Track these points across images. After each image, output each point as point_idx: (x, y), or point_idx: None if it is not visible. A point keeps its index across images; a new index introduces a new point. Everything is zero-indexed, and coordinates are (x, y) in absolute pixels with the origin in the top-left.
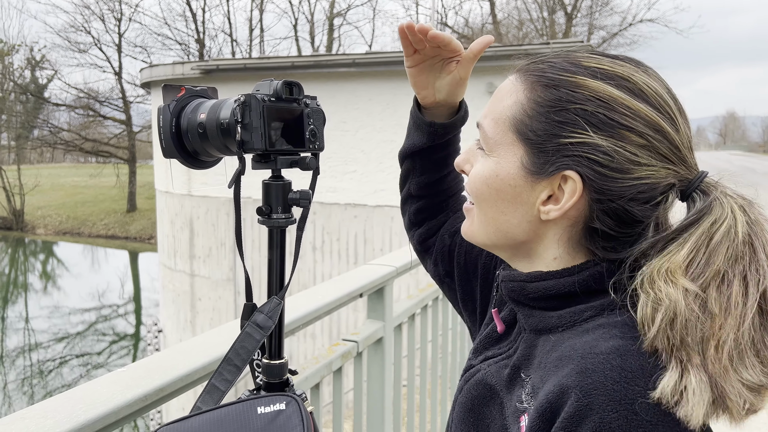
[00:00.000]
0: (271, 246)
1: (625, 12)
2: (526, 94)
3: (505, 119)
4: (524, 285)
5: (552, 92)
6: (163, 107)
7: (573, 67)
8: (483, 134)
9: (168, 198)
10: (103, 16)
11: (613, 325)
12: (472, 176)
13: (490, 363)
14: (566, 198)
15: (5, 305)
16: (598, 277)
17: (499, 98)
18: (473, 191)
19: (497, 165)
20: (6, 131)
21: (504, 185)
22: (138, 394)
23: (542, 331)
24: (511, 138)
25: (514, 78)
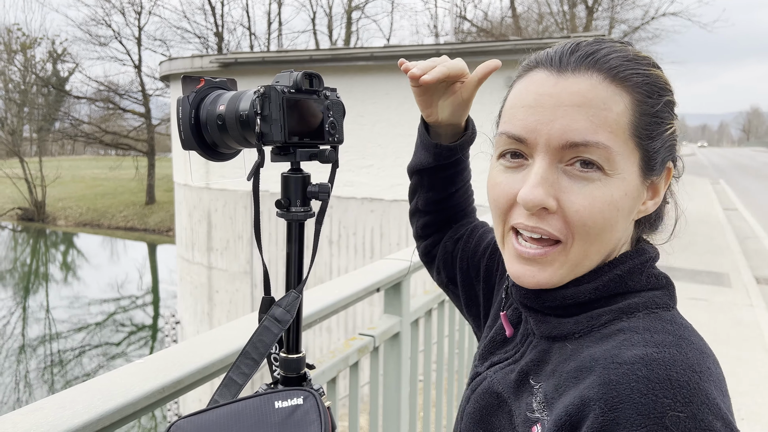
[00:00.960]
0: (289, 239)
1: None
2: (633, 96)
3: (624, 128)
4: (539, 293)
5: (651, 88)
6: (182, 99)
7: (644, 60)
8: (603, 152)
9: (186, 191)
10: (124, 9)
11: (634, 330)
12: (586, 210)
13: (496, 369)
14: (663, 187)
15: (27, 295)
16: (618, 280)
17: (599, 106)
18: (585, 226)
19: (624, 182)
20: (28, 123)
21: (631, 200)
22: (156, 386)
23: (557, 338)
24: (631, 146)
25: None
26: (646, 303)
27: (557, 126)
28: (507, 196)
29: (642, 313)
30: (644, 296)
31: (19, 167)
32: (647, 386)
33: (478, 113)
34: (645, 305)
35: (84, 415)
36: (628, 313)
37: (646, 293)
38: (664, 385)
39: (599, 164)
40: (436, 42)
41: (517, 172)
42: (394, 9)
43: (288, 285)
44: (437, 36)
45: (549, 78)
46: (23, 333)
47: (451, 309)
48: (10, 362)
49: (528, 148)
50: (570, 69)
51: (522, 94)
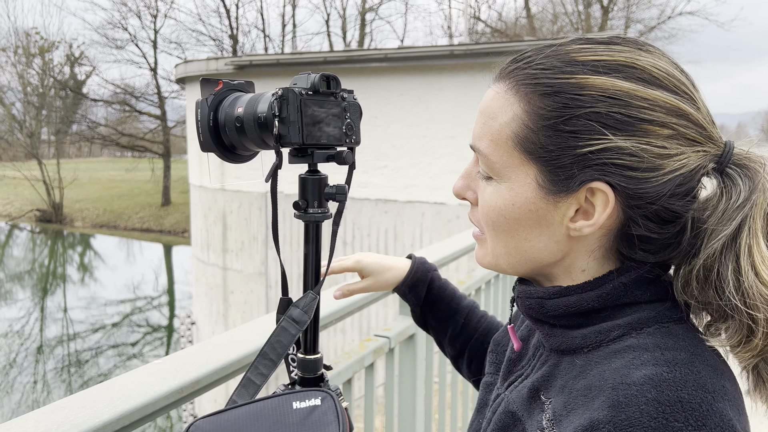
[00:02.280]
0: (306, 240)
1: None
2: (522, 107)
3: (506, 139)
4: (543, 302)
5: (554, 100)
6: (201, 101)
7: (568, 65)
8: (484, 159)
9: (202, 192)
10: (140, 12)
11: (644, 347)
12: (483, 208)
13: (512, 389)
14: (599, 211)
15: (45, 296)
16: (623, 289)
17: (489, 115)
18: (486, 223)
19: (510, 191)
20: (46, 126)
21: (523, 212)
22: (174, 386)
23: (565, 351)
24: (518, 158)
25: (502, 90)
26: (657, 316)
27: (473, 130)
28: None
29: (653, 327)
30: (654, 308)
31: (38, 169)
32: (657, 409)
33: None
34: (655, 319)
35: (105, 415)
36: (637, 327)
37: (656, 304)
38: (674, 407)
39: (485, 170)
40: (450, 43)
41: None
42: (408, 10)
43: (305, 286)
44: (451, 37)
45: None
46: (41, 333)
47: None
48: (28, 362)
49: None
50: (498, 78)
51: None
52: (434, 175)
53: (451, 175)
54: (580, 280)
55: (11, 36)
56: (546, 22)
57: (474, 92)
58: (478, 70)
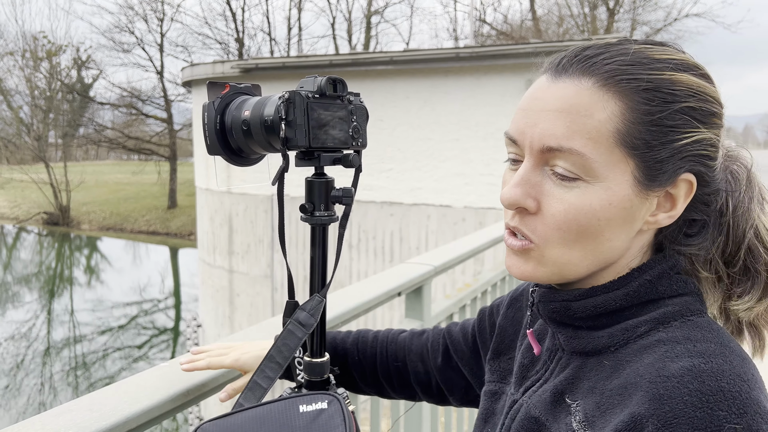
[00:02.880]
0: (313, 243)
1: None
2: (624, 103)
3: (608, 135)
4: (568, 305)
5: (654, 95)
6: (207, 104)
7: (654, 62)
8: (578, 159)
9: (208, 195)
10: (146, 16)
11: (675, 340)
12: (563, 213)
13: (530, 394)
14: (681, 201)
15: (52, 298)
16: (648, 286)
17: (579, 113)
18: (565, 229)
19: (608, 191)
20: (53, 129)
21: (618, 211)
22: (180, 389)
23: (591, 353)
24: (619, 155)
25: (587, 85)
26: (681, 311)
27: (538, 130)
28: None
29: (678, 321)
30: (677, 303)
31: (45, 172)
32: (700, 399)
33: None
34: (680, 313)
35: (111, 417)
36: (664, 322)
37: (678, 299)
38: (717, 397)
39: (575, 171)
40: (455, 45)
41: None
42: (414, 13)
43: (312, 289)
44: (456, 39)
45: (546, 82)
46: (48, 336)
47: (472, 314)
48: (35, 364)
49: (520, 150)
50: (566, 73)
51: (523, 97)
52: (440, 177)
53: (457, 178)
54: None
55: (19, 40)
56: (552, 25)
57: (480, 95)
58: (484, 72)
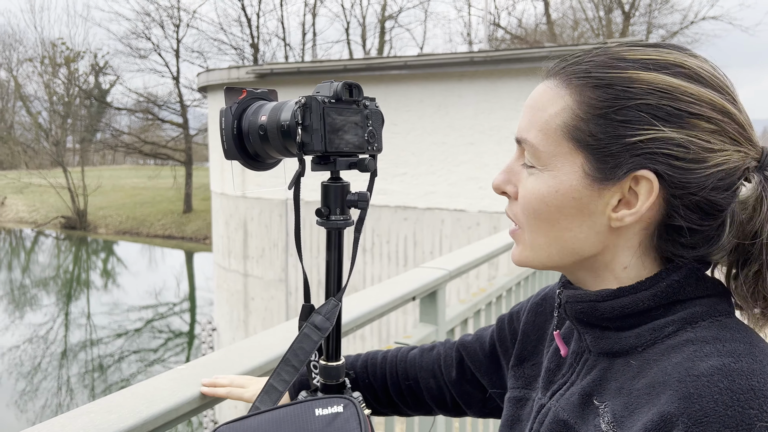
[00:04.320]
0: (329, 247)
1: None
2: (575, 98)
3: (556, 128)
4: (595, 305)
5: (606, 91)
6: (225, 110)
7: (618, 62)
8: (531, 149)
9: (223, 199)
10: (163, 22)
11: (703, 340)
12: (524, 198)
13: (557, 397)
14: (642, 199)
15: (69, 301)
16: (676, 287)
17: (539, 107)
18: (528, 213)
19: (555, 179)
20: (71, 134)
21: (566, 200)
22: (197, 392)
23: (618, 353)
24: (567, 147)
25: (553, 84)
26: (709, 311)
27: (519, 123)
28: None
29: (706, 321)
30: (705, 303)
31: (63, 177)
32: (731, 398)
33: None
34: (708, 313)
35: (129, 420)
36: (692, 322)
37: (706, 300)
38: (748, 395)
39: (531, 161)
40: (469, 50)
41: None
42: (428, 18)
43: (327, 293)
44: (471, 44)
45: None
46: (65, 338)
47: (487, 319)
48: (52, 367)
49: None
50: (548, 76)
51: None
52: (454, 182)
53: (471, 182)
54: (624, 278)
55: (38, 47)
56: (566, 29)
57: (494, 99)
58: (498, 76)
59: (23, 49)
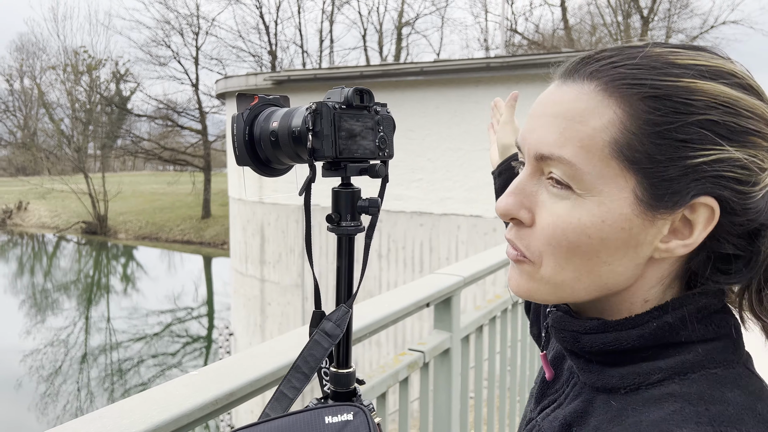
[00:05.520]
0: (339, 254)
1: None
2: (625, 110)
3: (603, 145)
4: (578, 336)
5: (664, 103)
6: (237, 116)
7: (671, 68)
8: (568, 169)
9: (240, 205)
10: (182, 30)
11: (687, 399)
12: (552, 227)
13: (543, 416)
14: (699, 229)
15: (89, 306)
16: (667, 329)
17: (574, 118)
18: (555, 245)
19: (601, 207)
20: (92, 141)
21: (614, 231)
22: (209, 398)
23: (601, 389)
24: (616, 168)
25: (587, 88)
26: (703, 361)
27: (535, 136)
28: None
29: (697, 374)
30: (701, 351)
31: (84, 183)
32: None
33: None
34: (701, 364)
35: (141, 425)
36: (680, 373)
37: (702, 346)
38: None
39: (564, 181)
40: (486, 55)
41: None
42: (444, 24)
43: (338, 299)
44: (487, 50)
45: (553, 86)
46: (86, 342)
47: (502, 325)
48: (73, 370)
49: (523, 157)
50: (572, 78)
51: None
52: (470, 188)
53: (488, 188)
54: (641, 311)
55: (61, 55)
56: (584, 34)
57: None
58: (515, 82)
59: (46, 57)
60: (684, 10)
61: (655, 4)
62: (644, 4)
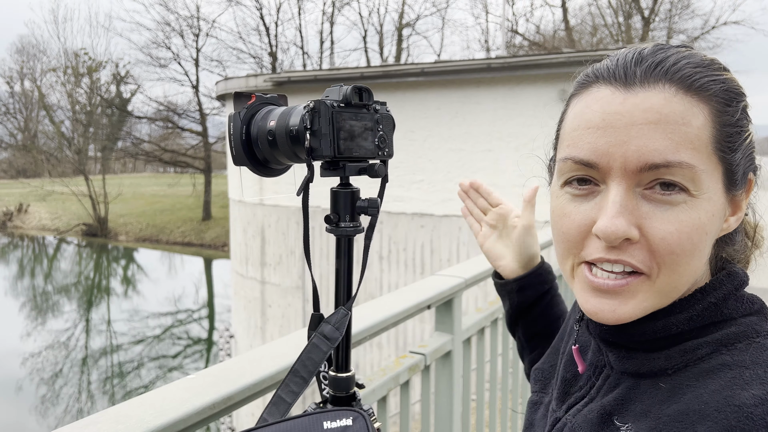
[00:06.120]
0: (338, 255)
1: (708, 14)
2: (711, 107)
3: (707, 143)
4: (623, 327)
5: (729, 96)
6: (233, 115)
7: (713, 64)
8: (689, 173)
9: (241, 207)
10: (183, 32)
11: (742, 365)
12: (678, 234)
13: (574, 412)
14: (745, 202)
15: (90, 308)
16: (713, 309)
17: (677, 121)
18: (678, 252)
19: (710, 203)
20: (93, 143)
21: (717, 222)
22: (206, 402)
23: (645, 374)
24: (714, 162)
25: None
26: (746, 332)
27: (633, 147)
28: (579, 228)
29: (743, 343)
30: (741, 324)
31: (84, 185)
32: None
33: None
34: (745, 334)
35: (136, 430)
36: (727, 344)
37: (742, 320)
38: None
39: (683, 185)
40: (487, 56)
41: (588, 201)
42: (445, 25)
43: (337, 301)
44: (488, 51)
45: (615, 94)
46: (86, 345)
47: (504, 327)
48: (73, 373)
49: (599, 174)
50: (638, 82)
51: (586, 114)
52: None
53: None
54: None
55: (61, 57)
56: (585, 35)
57: (512, 105)
58: (516, 83)
59: (47, 59)
60: (685, 10)
61: (656, 4)
62: (645, 4)
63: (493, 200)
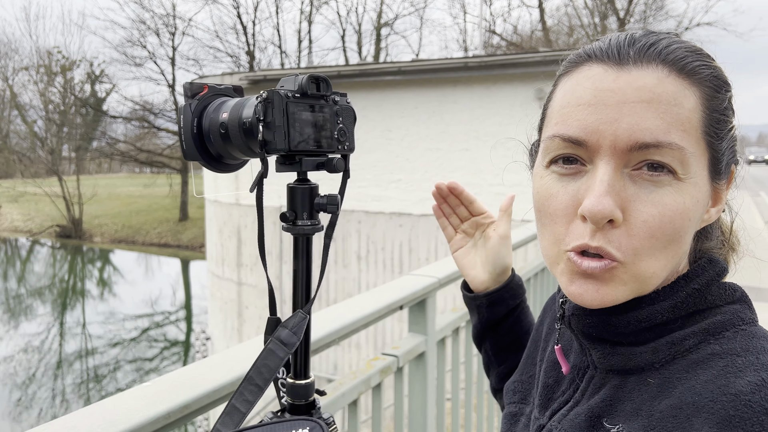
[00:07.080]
0: (296, 255)
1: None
2: (701, 90)
3: (697, 126)
4: (608, 319)
5: (719, 83)
6: (183, 106)
7: (701, 50)
8: (678, 155)
9: (216, 207)
10: (158, 30)
11: (732, 353)
12: (661, 217)
13: (559, 418)
14: (725, 194)
15: (64, 311)
16: (697, 296)
17: (669, 102)
18: (659, 236)
19: (696, 188)
20: (67, 143)
21: (700, 208)
22: (161, 411)
23: (631, 371)
24: (702, 147)
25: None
26: (732, 320)
27: (623, 125)
28: (566, 209)
29: (730, 332)
30: (726, 312)
31: (58, 185)
32: None
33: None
34: (731, 323)
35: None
36: (714, 333)
37: (726, 308)
38: None
39: (671, 167)
40: (464, 55)
41: (575, 180)
42: (423, 24)
43: (295, 304)
44: (466, 50)
45: (608, 72)
46: (60, 348)
47: None
48: (47, 377)
49: (587, 152)
50: (631, 61)
51: (577, 91)
52: None
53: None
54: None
55: (34, 55)
56: (562, 35)
57: (489, 104)
58: (493, 82)
59: (19, 57)
60: (659, 12)
61: (631, 5)
62: (620, 5)
63: (476, 209)
